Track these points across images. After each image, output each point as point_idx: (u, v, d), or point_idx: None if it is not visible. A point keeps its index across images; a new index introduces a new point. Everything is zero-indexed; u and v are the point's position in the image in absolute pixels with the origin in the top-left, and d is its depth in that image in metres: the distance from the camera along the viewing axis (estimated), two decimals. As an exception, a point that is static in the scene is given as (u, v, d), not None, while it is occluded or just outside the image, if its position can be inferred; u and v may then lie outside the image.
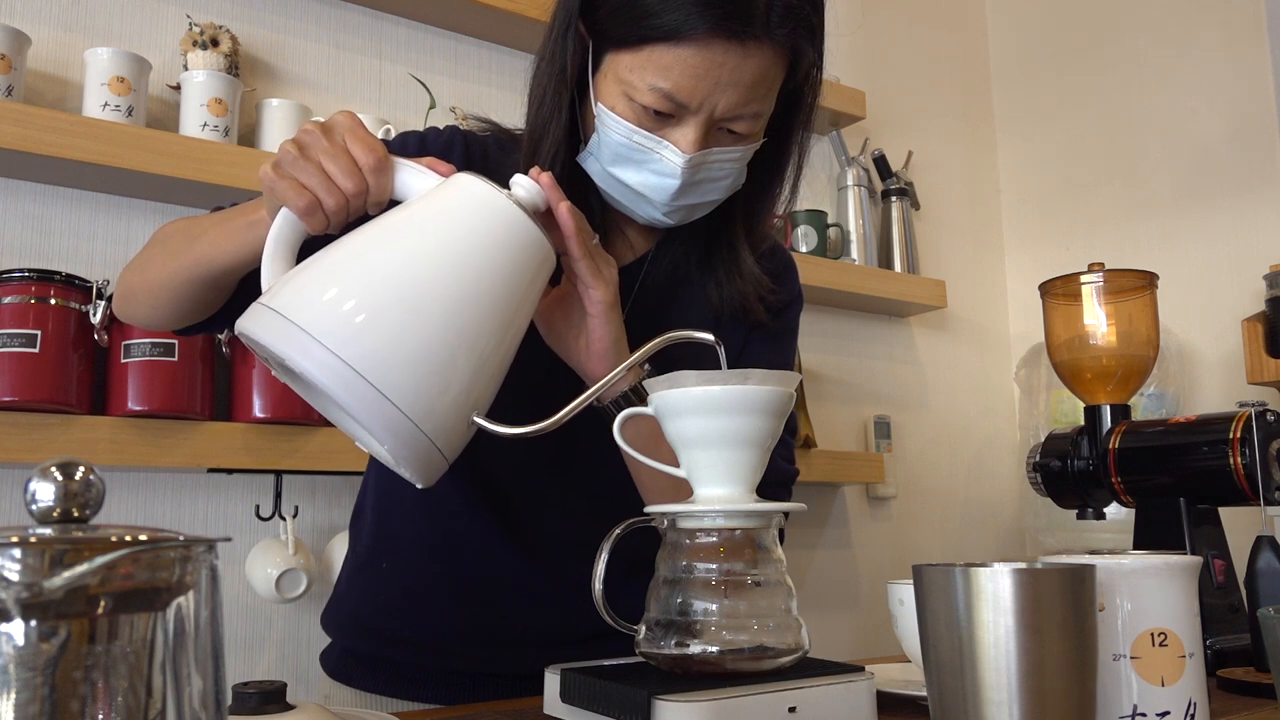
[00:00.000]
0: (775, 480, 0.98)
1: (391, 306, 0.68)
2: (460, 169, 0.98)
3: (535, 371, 0.85)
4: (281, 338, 0.67)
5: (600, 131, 0.90)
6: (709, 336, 0.78)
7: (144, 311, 0.94)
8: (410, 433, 0.68)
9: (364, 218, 0.77)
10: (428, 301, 0.69)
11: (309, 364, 0.66)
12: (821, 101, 0.98)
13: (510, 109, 1.00)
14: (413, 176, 0.78)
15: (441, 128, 1.04)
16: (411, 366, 0.68)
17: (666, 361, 0.88)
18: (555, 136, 0.93)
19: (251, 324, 0.70)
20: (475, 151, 1.01)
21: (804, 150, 1.00)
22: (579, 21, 0.89)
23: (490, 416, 0.74)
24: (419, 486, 0.74)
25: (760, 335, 1.05)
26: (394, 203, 0.78)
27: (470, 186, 0.76)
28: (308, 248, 0.76)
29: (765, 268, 1.03)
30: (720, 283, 1.01)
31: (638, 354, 0.79)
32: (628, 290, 1.00)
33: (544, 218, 0.79)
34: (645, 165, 0.89)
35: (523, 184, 0.79)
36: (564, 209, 0.80)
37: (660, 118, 0.86)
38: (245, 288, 0.89)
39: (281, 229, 0.77)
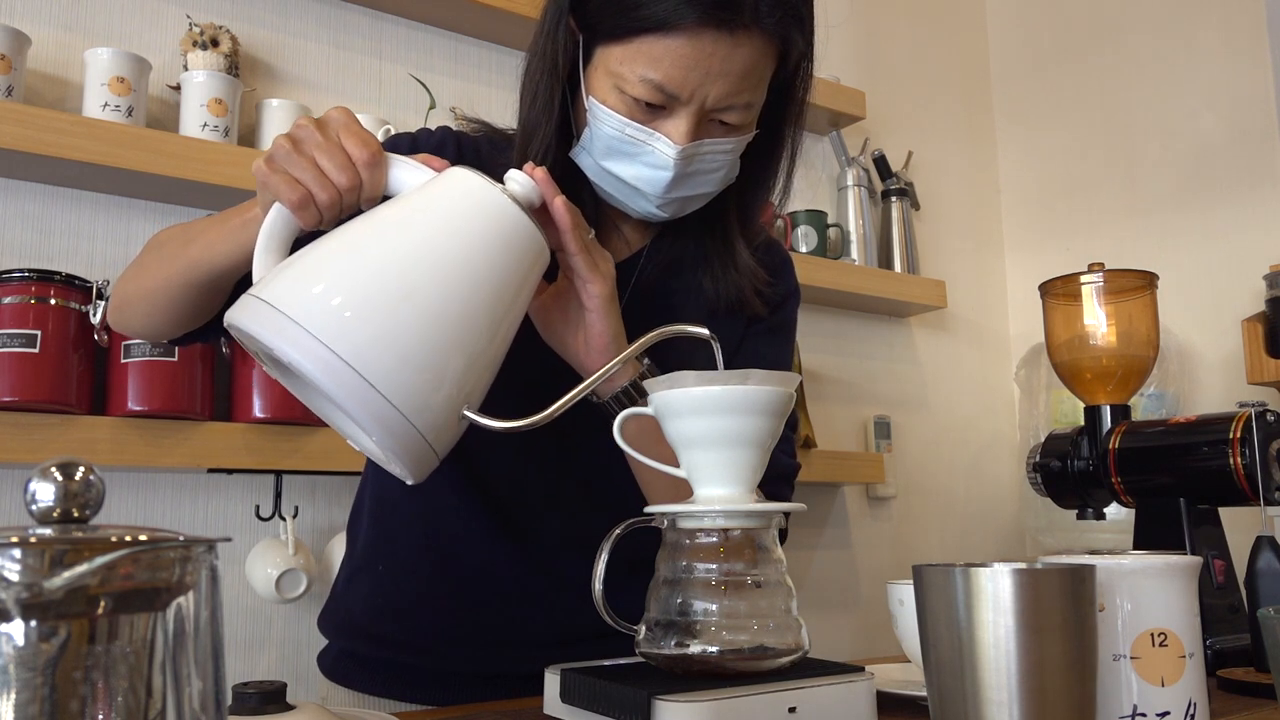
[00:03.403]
0: (777, 475, 0.97)
1: (384, 299, 0.67)
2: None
3: (533, 369, 0.84)
4: (271, 329, 0.66)
5: (592, 125, 0.90)
6: (704, 331, 0.78)
7: (139, 320, 0.93)
8: (401, 426, 0.67)
9: (357, 213, 0.77)
10: (420, 294, 0.68)
11: (299, 355, 0.65)
12: (822, 101, 0.98)
13: (510, 109, 1.00)
14: (407, 172, 0.77)
15: (433, 129, 1.04)
16: (403, 359, 0.67)
17: (665, 360, 0.87)
18: (547, 132, 0.93)
19: (241, 315, 0.69)
20: (468, 150, 1.01)
21: (797, 143, 1.00)
22: (569, 16, 0.89)
23: (483, 412, 0.72)
24: (409, 483, 0.73)
25: (758, 329, 1.05)
26: (387, 199, 0.78)
27: (465, 180, 0.75)
28: (300, 244, 0.75)
29: (761, 262, 1.03)
30: (716, 277, 1.01)
31: (633, 347, 0.78)
32: (623, 286, 1.00)
33: (539, 214, 0.79)
34: (638, 158, 0.89)
35: (517, 179, 0.78)
36: (559, 204, 0.80)
37: (652, 110, 0.86)
38: (241, 291, 0.89)
39: (274, 224, 0.76)
